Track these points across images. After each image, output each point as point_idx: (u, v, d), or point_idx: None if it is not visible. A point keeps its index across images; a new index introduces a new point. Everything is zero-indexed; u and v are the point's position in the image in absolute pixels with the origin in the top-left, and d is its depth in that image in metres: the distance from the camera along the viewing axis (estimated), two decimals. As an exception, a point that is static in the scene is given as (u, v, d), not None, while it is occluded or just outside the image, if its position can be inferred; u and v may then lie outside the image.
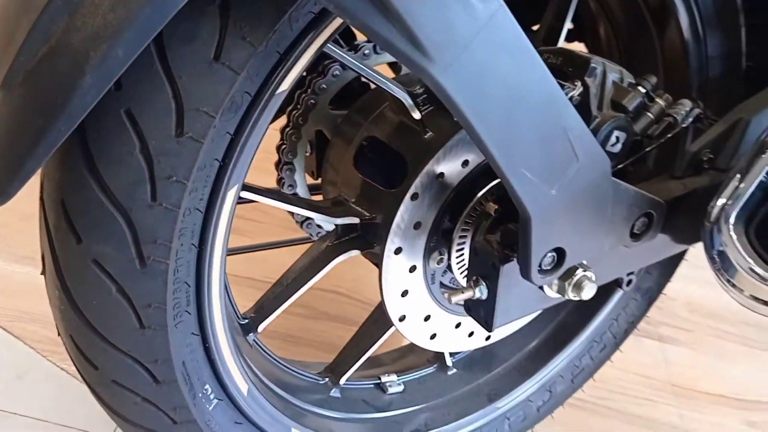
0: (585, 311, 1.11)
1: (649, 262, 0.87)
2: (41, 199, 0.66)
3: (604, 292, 1.09)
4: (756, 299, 0.76)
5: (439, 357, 1.08)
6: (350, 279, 1.47)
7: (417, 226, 0.80)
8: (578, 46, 1.09)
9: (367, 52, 0.91)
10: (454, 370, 1.08)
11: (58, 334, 0.74)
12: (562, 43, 0.93)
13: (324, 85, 0.91)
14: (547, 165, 0.65)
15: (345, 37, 0.91)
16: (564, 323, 1.11)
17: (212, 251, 0.68)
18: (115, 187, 0.61)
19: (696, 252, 0.88)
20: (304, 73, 0.93)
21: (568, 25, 0.94)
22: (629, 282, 0.92)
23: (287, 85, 0.64)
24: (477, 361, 1.10)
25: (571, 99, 0.74)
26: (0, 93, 0.53)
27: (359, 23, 0.53)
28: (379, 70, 0.81)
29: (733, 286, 0.77)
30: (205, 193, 0.64)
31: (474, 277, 0.77)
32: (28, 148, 0.53)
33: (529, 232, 0.68)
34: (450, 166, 0.78)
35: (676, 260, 1.10)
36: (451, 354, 1.07)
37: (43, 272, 0.69)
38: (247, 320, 0.86)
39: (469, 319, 0.88)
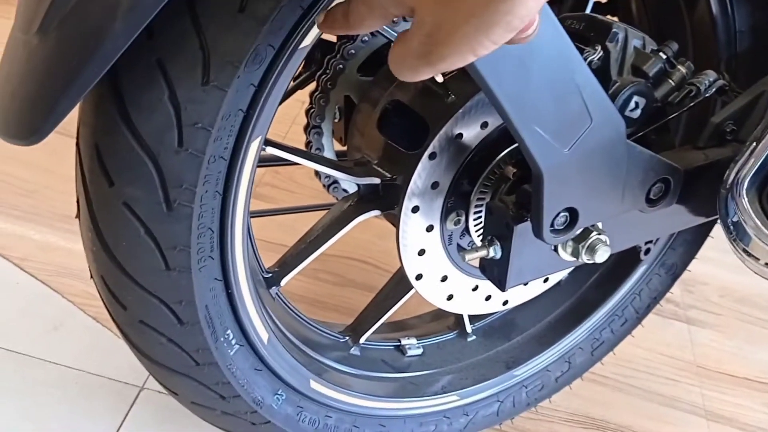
0: (607, 284, 1.11)
1: (668, 232, 0.87)
2: (77, 144, 0.70)
3: (627, 266, 1.09)
4: (770, 267, 0.77)
5: (459, 324, 1.10)
6: (379, 251, 1.49)
7: (435, 185, 0.82)
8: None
9: (396, 19, 0.92)
10: (474, 337, 1.10)
11: (91, 277, 0.78)
12: (589, 11, 0.94)
13: (353, 51, 0.93)
14: (560, 123, 0.66)
15: (375, 3, 0.93)
16: (586, 295, 1.12)
17: (236, 200, 0.72)
18: (145, 132, 0.64)
19: (727, 237, 0.89)
20: (335, 39, 0.97)
21: (596, -5, 0.95)
22: (647, 251, 0.92)
23: (310, 41, 0.67)
24: (497, 330, 1.12)
25: (591, 63, 0.75)
26: (36, 37, 0.57)
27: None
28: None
29: (749, 254, 0.77)
30: (229, 143, 0.67)
31: (489, 237, 0.79)
32: (63, 89, 0.56)
33: (541, 189, 0.69)
34: (469, 128, 0.80)
35: (701, 237, 1.10)
36: (472, 321, 1.09)
37: (78, 215, 0.74)
38: (270, 274, 0.89)
39: (487, 282, 0.90)
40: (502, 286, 0.79)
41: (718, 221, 0.77)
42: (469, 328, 1.09)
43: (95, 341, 1.17)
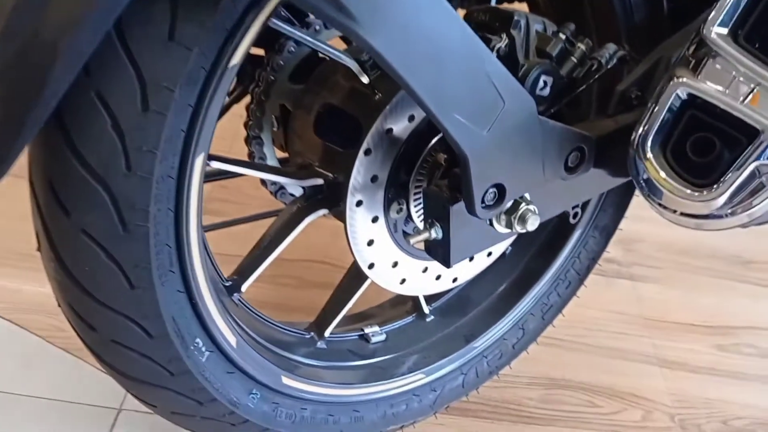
0: (548, 252, 1.19)
1: (591, 195, 0.95)
2: (30, 181, 0.74)
3: (563, 233, 1.17)
4: (686, 215, 0.84)
5: (417, 307, 1.16)
6: (336, 250, 1.54)
7: (374, 179, 0.88)
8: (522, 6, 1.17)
9: (318, 27, 0.98)
10: (432, 317, 1.16)
11: (59, 305, 0.82)
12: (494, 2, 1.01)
13: (281, 62, 0.98)
14: (476, 108, 0.73)
15: (297, 16, 0.99)
16: (529, 264, 1.19)
17: (188, 214, 0.76)
18: (94, 161, 0.68)
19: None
20: (263, 53, 1.02)
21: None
22: (575, 215, 1.00)
23: (238, 59, 0.72)
24: (452, 307, 1.18)
25: (498, 50, 0.82)
26: (-16, 90, 0.61)
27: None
28: (332, 44, 0.89)
29: (664, 207, 0.85)
30: (174, 162, 0.72)
31: (429, 220, 0.85)
32: (13, 134, 0.61)
33: (468, 171, 0.76)
34: (397, 122, 0.86)
35: (627, 197, 1.18)
36: (428, 302, 1.16)
37: (39, 249, 0.77)
38: (230, 282, 0.94)
39: (435, 263, 0.97)
40: (447, 263, 0.85)
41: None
42: (426, 309, 1.15)
43: (68, 371, 1.19)
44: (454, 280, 1.04)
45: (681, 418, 1.30)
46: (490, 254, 1.05)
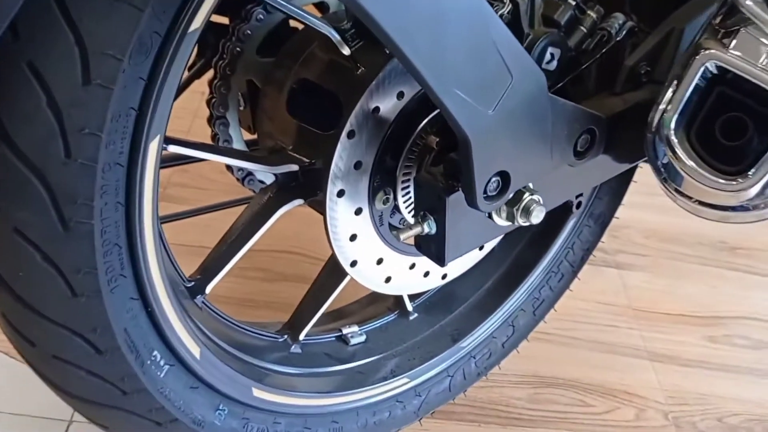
0: (540, 242, 1.10)
1: (596, 183, 0.86)
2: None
3: (556, 222, 1.08)
4: (703, 204, 0.76)
5: (399, 303, 1.06)
6: (307, 239, 1.44)
7: (357, 165, 0.77)
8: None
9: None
10: (415, 315, 1.06)
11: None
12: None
13: (248, 31, 0.87)
14: (480, 83, 0.63)
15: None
16: (520, 256, 1.10)
17: (141, 208, 0.65)
18: (26, 145, 0.57)
19: (648, 180, 0.88)
20: (228, 21, 0.90)
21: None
22: (578, 204, 0.91)
23: (200, 23, 0.60)
24: (437, 304, 1.09)
25: (501, 17, 0.72)
26: None
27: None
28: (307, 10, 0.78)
29: (681, 194, 0.76)
30: (124, 146, 0.61)
31: (421, 213, 0.75)
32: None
33: (470, 156, 0.66)
34: (385, 100, 0.75)
35: (625, 183, 1.10)
36: (411, 299, 1.06)
37: (-36, 250, 0.65)
38: (192, 283, 0.83)
39: (424, 259, 0.87)
40: (441, 261, 0.76)
41: (648, 164, 0.75)
42: (409, 306, 1.05)
43: (10, 378, 1.07)
44: (444, 276, 0.94)
45: (675, 415, 1.24)
46: (482, 247, 0.96)
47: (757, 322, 1.46)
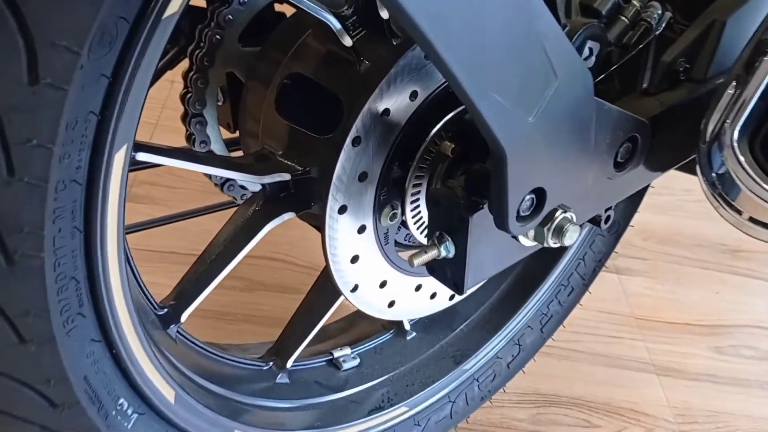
0: (549, 253, 1.00)
1: (627, 195, 0.76)
2: None
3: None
4: (755, 221, 0.67)
5: (395, 321, 0.95)
6: (286, 243, 1.32)
7: (363, 177, 0.66)
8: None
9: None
10: (413, 334, 0.96)
11: None
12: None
13: (230, 16, 0.75)
14: (522, 85, 0.51)
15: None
16: (528, 268, 1.00)
17: (103, 234, 0.53)
18: (-46, 162, 0.44)
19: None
20: (205, 4, 0.78)
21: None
22: (608, 218, 0.81)
23: (177, 7, 0.48)
24: (437, 321, 0.98)
25: (536, 5, 0.61)
26: None
27: None
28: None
29: (733, 208, 0.67)
30: (82, 160, 0.48)
31: (437, 233, 0.64)
32: None
33: (504, 172, 0.55)
34: (396, 101, 0.64)
35: (642, 190, 1.00)
36: (408, 317, 0.95)
37: None
38: (166, 309, 0.71)
39: (430, 278, 0.76)
40: (459, 289, 0.65)
41: (698, 175, 0.65)
42: (407, 324, 0.95)
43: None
44: (451, 298, 0.83)
45: (685, 435, 1.16)
46: (494, 264, 0.85)
47: (763, 330, 1.39)
